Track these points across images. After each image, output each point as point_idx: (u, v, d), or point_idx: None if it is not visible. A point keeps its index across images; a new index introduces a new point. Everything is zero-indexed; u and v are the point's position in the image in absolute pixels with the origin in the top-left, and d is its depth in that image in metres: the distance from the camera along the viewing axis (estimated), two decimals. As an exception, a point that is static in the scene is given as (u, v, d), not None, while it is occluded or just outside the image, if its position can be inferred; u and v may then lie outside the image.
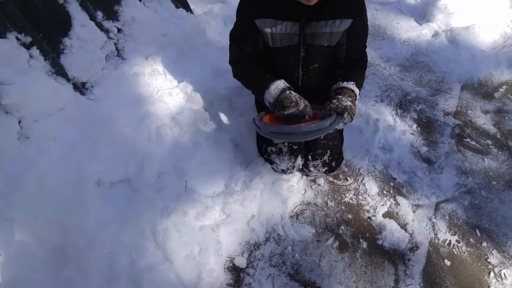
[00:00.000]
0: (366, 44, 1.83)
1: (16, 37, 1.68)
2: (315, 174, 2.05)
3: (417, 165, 2.12)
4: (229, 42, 1.84)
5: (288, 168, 1.93)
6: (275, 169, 1.95)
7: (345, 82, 1.64)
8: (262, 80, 1.68)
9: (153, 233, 1.73)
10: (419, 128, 2.31)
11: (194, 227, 1.79)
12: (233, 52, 1.82)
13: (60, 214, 1.65)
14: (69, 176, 1.72)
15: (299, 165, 1.95)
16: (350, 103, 1.56)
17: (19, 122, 1.67)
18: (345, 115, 1.55)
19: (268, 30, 1.63)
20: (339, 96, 1.58)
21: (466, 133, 2.29)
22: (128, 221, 1.73)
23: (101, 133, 1.89)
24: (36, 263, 1.59)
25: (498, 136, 2.28)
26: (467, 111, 2.44)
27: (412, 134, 2.27)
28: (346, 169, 2.12)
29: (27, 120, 1.71)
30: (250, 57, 1.78)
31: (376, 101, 2.47)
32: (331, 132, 1.64)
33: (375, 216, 1.91)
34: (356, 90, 1.64)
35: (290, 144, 1.90)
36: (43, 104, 1.76)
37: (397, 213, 1.92)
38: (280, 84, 1.64)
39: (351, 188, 2.04)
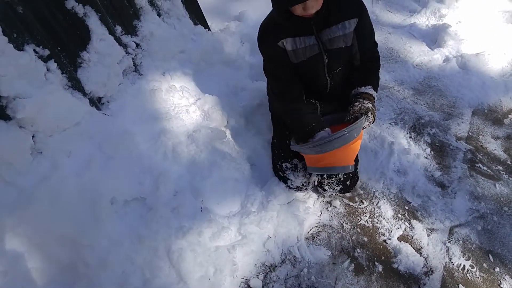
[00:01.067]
0: (376, 42, 1.91)
1: (34, 50, 1.65)
2: (330, 194, 2.03)
3: (431, 189, 2.11)
4: (267, 79, 1.98)
5: (303, 185, 1.92)
6: (290, 186, 1.92)
7: (363, 87, 1.78)
8: (308, 128, 1.74)
9: (167, 253, 1.69)
10: (432, 152, 2.30)
11: (209, 247, 1.76)
12: (271, 85, 1.94)
13: (72, 231, 1.61)
14: (82, 192, 1.68)
15: (314, 182, 1.93)
16: (371, 105, 1.72)
17: (33, 136, 1.64)
18: (369, 114, 1.70)
19: (290, 48, 1.72)
20: (360, 100, 1.74)
21: (478, 158, 2.30)
22: (142, 240, 1.69)
23: (116, 150, 1.86)
24: (46, 281, 1.55)
25: (509, 162, 2.29)
26: (478, 136, 2.46)
27: (426, 158, 2.27)
28: (361, 192, 2.10)
29: (41, 134, 1.68)
30: (289, 87, 1.83)
31: (390, 123, 2.48)
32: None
33: (390, 239, 1.90)
34: (374, 93, 1.78)
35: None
36: (58, 118, 1.73)
37: (412, 237, 1.91)
38: (325, 135, 1.71)
39: (366, 210, 2.03)
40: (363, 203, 2.06)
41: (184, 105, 2.20)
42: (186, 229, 1.75)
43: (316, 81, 1.89)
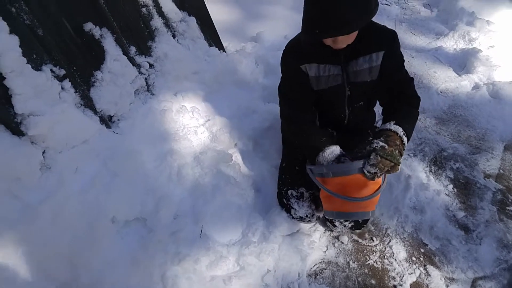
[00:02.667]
0: (411, 77, 1.74)
1: (51, 70, 1.77)
2: (339, 230, 1.98)
3: (452, 232, 2.00)
4: (279, 99, 1.89)
5: (307, 216, 1.87)
6: (293, 215, 1.88)
7: (384, 124, 1.59)
8: (317, 143, 1.68)
9: (162, 278, 1.72)
10: (455, 190, 2.20)
11: (205, 276, 1.76)
12: (283, 106, 1.87)
13: (70, 250, 1.66)
14: (85, 211, 1.75)
15: (320, 216, 1.90)
16: (384, 143, 1.47)
17: (43, 152, 1.73)
18: (371, 156, 1.46)
19: (313, 74, 1.70)
20: (371, 139, 1.54)
21: (510, 200, 2.15)
22: (138, 263, 1.73)
23: (122, 168, 1.92)
24: (40, 300, 1.59)
25: (546, 207, 2.13)
26: (510, 174, 2.31)
27: (448, 195, 2.16)
28: (372, 228, 2.03)
29: (51, 151, 1.77)
30: (301, 110, 1.79)
31: (408, 155, 2.40)
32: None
33: (401, 285, 1.80)
34: (396, 128, 1.53)
35: (313, 190, 1.87)
36: (69, 135, 1.82)
37: (427, 286, 1.80)
38: (336, 150, 1.64)
39: (376, 249, 1.94)
40: (373, 240, 1.98)
41: (193, 126, 2.26)
42: (182, 255, 1.77)
43: (334, 112, 1.86)
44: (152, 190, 1.94)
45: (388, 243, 1.97)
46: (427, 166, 2.33)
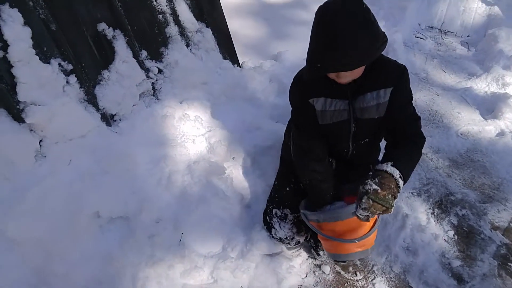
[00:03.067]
0: (418, 115, 1.77)
1: (59, 64, 2.00)
2: (323, 259, 2.07)
3: (444, 280, 2.02)
4: (290, 141, 1.95)
5: (286, 238, 1.95)
6: (273, 235, 1.97)
7: (381, 164, 1.60)
8: (326, 195, 1.82)
9: (132, 279, 1.85)
10: (456, 237, 2.23)
11: (176, 283, 1.89)
12: (296, 136, 1.89)
13: (48, 237, 1.82)
14: (70, 202, 1.92)
15: (300, 240, 1.98)
16: (377, 186, 1.51)
17: (40, 141, 1.95)
18: (363, 200, 1.52)
19: (319, 107, 1.76)
20: (367, 181, 1.57)
21: (514, 256, 2.18)
22: (112, 260, 1.87)
23: (113, 166, 2.10)
24: (13, 278, 1.75)
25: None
26: (521, 230, 2.33)
27: (446, 241, 2.20)
28: (358, 262, 2.10)
29: (48, 140, 1.98)
30: (313, 143, 1.85)
31: (412, 193, 2.46)
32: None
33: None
34: (392, 170, 1.54)
35: (298, 214, 1.94)
36: (67, 128, 2.03)
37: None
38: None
39: (358, 285, 2.00)
40: (356, 275, 2.05)
41: (192, 135, 2.42)
42: (157, 259, 1.90)
43: (337, 146, 1.91)
44: (138, 191, 2.09)
45: (371, 280, 2.02)
46: (429, 208, 2.37)
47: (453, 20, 4.68)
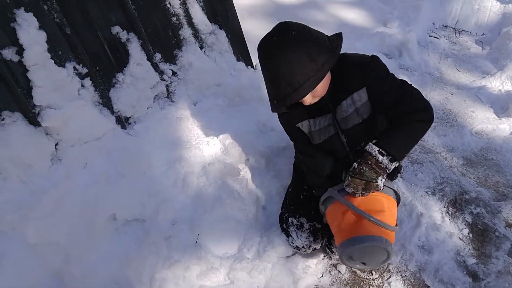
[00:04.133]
0: (410, 90, 1.71)
1: (74, 67, 2.01)
2: (338, 259, 2.08)
3: (459, 278, 2.00)
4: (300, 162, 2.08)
5: (303, 246, 1.95)
6: (290, 243, 1.98)
7: (368, 144, 1.64)
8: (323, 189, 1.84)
9: (150, 280, 1.85)
10: (470, 235, 2.21)
11: (193, 285, 1.88)
12: (304, 166, 2.01)
13: (67, 240, 1.84)
14: (87, 205, 1.93)
15: (317, 247, 1.98)
16: (355, 164, 1.63)
17: (56, 144, 1.97)
18: (346, 178, 1.65)
19: (306, 130, 1.81)
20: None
21: (530, 253, 2.17)
22: (130, 262, 1.88)
23: (129, 169, 2.12)
24: (31, 282, 1.78)
25: None
26: (536, 227, 2.32)
27: (461, 239, 2.19)
28: (373, 262, 2.11)
29: (64, 143, 2.00)
30: (319, 165, 1.92)
31: (426, 192, 2.44)
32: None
33: (394, 325, 1.86)
34: (370, 148, 1.61)
35: (314, 222, 1.97)
36: (82, 131, 2.05)
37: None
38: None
39: (374, 284, 2.00)
40: (372, 274, 2.05)
41: (206, 136, 2.43)
42: (174, 260, 1.90)
43: (339, 159, 1.90)
44: (155, 193, 2.10)
45: (387, 279, 2.01)
46: (444, 207, 2.35)
47: (468, 19, 4.63)
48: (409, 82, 1.74)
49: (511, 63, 3.56)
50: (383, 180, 1.63)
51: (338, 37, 1.59)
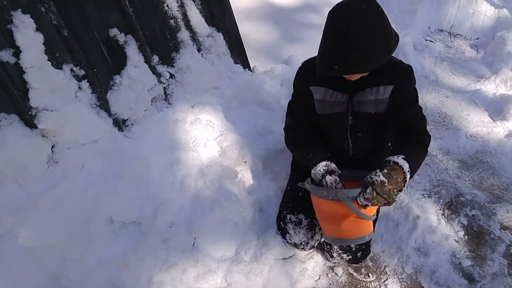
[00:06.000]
0: (424, 115, 1.79)
1: (71, 69, 1.98)
2: (336, 262, 2.07)
3: (455, 280, 2.01)
4: (286, 111, 2.04)
5: (301, 243, 1.93)
6: (288, 241, 1.96)
7: (392, 156, 1.59)
8: (308, 156, 1.80)
9: (148, 283, 1.83)
10: (466, 237, 2.22)
11: (190, 287, 1.86)
12: (288, 119, 2.02)
13: (64, 243, 1.81)
14: (84, 207, 1.90)
15: (314, 244, 1.97)
16: (385, 178, 1.49)
17: (52, 146, 1.94)
18: (368, 190, 1.49)
19: (319, 97, 1.82)
20: (376, 170, 1.55)
21: (524, 255, 2.17)
22: (128, 265, 1.85)
23: (126, 171, 2.09)
24: (28, 285, 1.77)
25: None
26: (531, 229, 2.33)
27: (457, 241, 2.19)
28: (370, 263, 2.08)
29: (61, 146, 1.97)
30: (303, 123, 1.96)
31: (422, 195, 2.44)
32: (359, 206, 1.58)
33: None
34: (403, 163, 1.54)
35: (312, 219, 1.95)
36: (79, 133, 2.02)
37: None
38: (330, 165, 1.74)
39: (371, 286, 1.99)
40: (369, 276, 2.04)
41: (204, 139, 2.41)
42: (171, 263, 1.89)
43: (337, 140, 1.93)
44: (153, 196, 2.08)
45: (384, 281, 2.00)
46: (440, 209, 2.36)
47: (462, 23, 4.67)
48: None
49: (505, 67, 3.59)
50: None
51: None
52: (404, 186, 1.55)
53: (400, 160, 1.55)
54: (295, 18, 4.15)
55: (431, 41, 4.39)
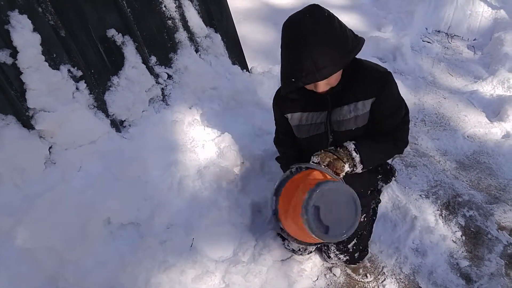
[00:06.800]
0: (407, 119, 1.74)
1: (69, 70, 1.98)
2: (334, 262, 2.07)
3: (453, 280, 2.01)
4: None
5: (299, 249, 1.95)
6: (286, 247, 1.98)
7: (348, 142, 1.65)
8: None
9: (146, 284, 1.83)
10: (463, 237, 2.22)
11: (189, 288, 1.89)
12: (275, 135, 2.06)
13: (62, 245, 1.81)
14: (81, 209, 1.90)
15: (312, 250, 1.97)
16: (328, 149, 1.62)
17: (50, 147, 1.94)
18: (320, 151, 1.62)
19: (295, 123, 1.78)
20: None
21: (522, 256, 2.18)
22: (126, 266, 1.85)
23: (124, 172, 2.09)
24: (26, 287, 1.77)
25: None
26: (528, 229, 2.34)
27: (454, 242, 2.20)
28: (368, 264, 2.09)
29: (58, 147, 1.96)
30: (288, 149, 1.99)
31: (420, 195, 2.45)
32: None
33: (389, 327, 1.86)
34: (348, 144, 1.63)
35: None
36: (77, 134, 2.02)
37: (416, 331, 1.85)
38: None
39: (368, 287, 1.99)
40: (367, 277, 2.05)
41: (202, 140, 2.41)
42: (169, 264, 1.89)
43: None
44: (150, 197, 2.07)
45: (382, 281, 2.00)
46: (437, 210, 2.36)
47: (460, 24, 4.69)
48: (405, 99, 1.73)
49: (503, 68, 3.60)
50: (347, 170, 1.60)
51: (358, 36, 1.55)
52: (350, 164, 1.60)
53: (347, 142, 1.64)
54: (293, 19, 4.15)
55: (428, 42, 4.41)
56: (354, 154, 1.61)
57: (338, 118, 1.66)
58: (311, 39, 1.38)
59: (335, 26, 1.41)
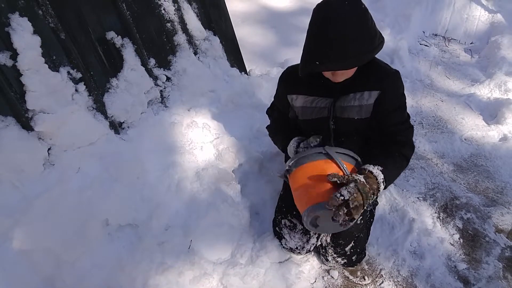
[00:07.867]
0: (411, 124, 1.74)
1: (68, 72, 1.99)
2: (331, 265, 2.07)
3: (451, 283, 2.02)
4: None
5: (297, 248, 1.95)
6: (284, 245, 1.97)
7: (369, 164, 1.56)
8: (283, 141, 1.93)
9: (143, 286, 1.83)
10: (461, 240, 2.23)
11: (186, 290, 1.89)
12: (270, 106, 2.14)
13: (59, 246, 1.80)
14: (79, 210, 1.89)
15: (310, 248, 1.98)
16: (364, 181, 1.45)
17: (49, 149, 1.93)
18: (351, 185, 1.41)
19: (299, 104, 1.80)
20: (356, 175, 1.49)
21: (519, 258, 2.19)
22: (124, 267, 1.85)
23: (123, 174, 2.09)
24: (23, 288, 1.77)
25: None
26: (526, 232, 2.35)
27: (452, 244, 2.21)
28: (366, 267, 2.09)
29: (57, 148, 1.96)
30: (278, 121, 2.06)
31: (418, 198, 2.46)
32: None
33: (387, 329, 1.86)
34: (378, 174, 1.52)
35: None
36: (76, 136, 2.02)
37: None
38: (295, 140, 1.81)
39: (366, 289, 2.02)
40: (364, 279, 2.05)
41: (200, 142, 2.41)
42: (167, 266, 1.88)
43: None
44: (148, 199, 2.07)
45: (380, 284, 2.01)
46: (435, 212, 2.37)
47: (457, 28, 4.72)
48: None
49: (499, 71, 3.63)
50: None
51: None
52: (376, 196, 1.54)
53: (375, 170, 1.53)
54: (291, 22, 4.18)
55: (426, 46, 4.43)
56: (382, 186, 1.53)
57: (342, 104, 1.71)
58: (348, 23, 1.37)
59: (369, 20, 1.42)
